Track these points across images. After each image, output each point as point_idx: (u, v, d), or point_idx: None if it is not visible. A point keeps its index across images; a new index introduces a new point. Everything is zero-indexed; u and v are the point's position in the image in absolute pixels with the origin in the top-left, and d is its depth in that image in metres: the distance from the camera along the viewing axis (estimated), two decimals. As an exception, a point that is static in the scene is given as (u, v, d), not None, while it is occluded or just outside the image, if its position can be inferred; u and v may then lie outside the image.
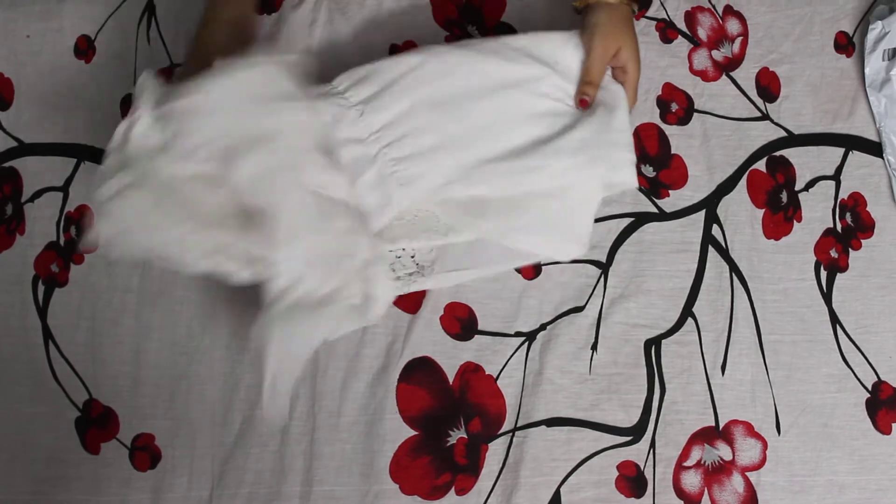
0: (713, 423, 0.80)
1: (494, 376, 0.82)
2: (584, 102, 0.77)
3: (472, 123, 0.76)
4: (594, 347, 0.82)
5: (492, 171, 0.75)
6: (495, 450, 0.80)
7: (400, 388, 0.81)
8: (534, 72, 0.77)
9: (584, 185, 0.76)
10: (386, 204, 0.75)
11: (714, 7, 0.92)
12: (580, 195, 0.76)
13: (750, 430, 0.80)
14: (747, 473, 0.79)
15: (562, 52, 0.78)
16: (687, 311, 0.83)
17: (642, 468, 0.80)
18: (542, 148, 0.75)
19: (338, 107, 0.75)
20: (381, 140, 0.75)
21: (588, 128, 0.75)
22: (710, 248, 0.86)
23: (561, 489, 0.79)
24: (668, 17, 0.92)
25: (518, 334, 0.83)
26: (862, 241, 0.88)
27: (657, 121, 0.89)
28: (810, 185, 0.89)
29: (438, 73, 0.76)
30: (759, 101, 0.91)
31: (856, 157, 0.90)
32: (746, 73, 0.92)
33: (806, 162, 0.90)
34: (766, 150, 0.90)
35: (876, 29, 0.90)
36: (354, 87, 0.76)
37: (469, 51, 0.77)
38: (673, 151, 0.88)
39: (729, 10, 0.92)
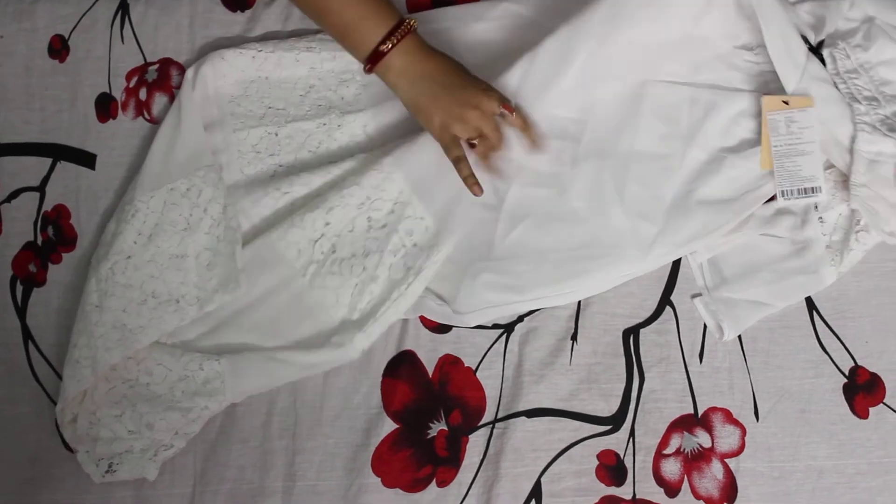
0: (692, 411, 0.81)
1: (473, 368, 0.82)
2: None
3: None
4: (574, 338, 0.83)
5: None
6: (476, 441, 0.81)
7: (384, 382, 0.82)
8: None
9: None
10: None
11: None
12: None
13: (728, 417, 0.80)
14: (726, 460, 0.79)
15: None
16: (665, 300, 0.83)
17: (622, 457, 0.80)
18: None
19: None
20: None
21: None
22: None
23: (542, 479, 0.79)
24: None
25: (496, 326, 0.83)
26: (839, 226, 0.88)
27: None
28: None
29: None
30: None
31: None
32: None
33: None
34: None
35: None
36: None
37: None
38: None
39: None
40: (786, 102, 0.80)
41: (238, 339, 0.81)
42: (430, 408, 0.81)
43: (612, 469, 0.80)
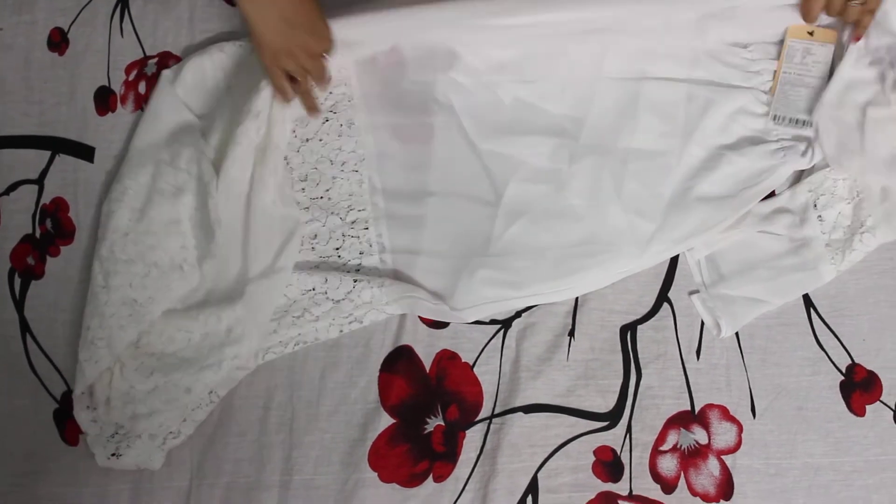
0: (689, 408, 0.81)
1: (471, 364, 0.82)
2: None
3: None
4: (571, 334, 0.83)
5: None
6: (472, 437, 0.81)
7: (381, 377, 0.82)
8: None
9: None
10: None
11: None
12: None
13: (725, 414, 0.80)
14: (723, 457, 0.79)
15: None
16: (662, 297, 0.83)
17: (619, 453, 0.80)
18: None
19: None
20: None
21: None
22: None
23: (538, 475, 0.79)
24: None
25: (493, 322, 0.83)
26: (837, 224, 0.88)
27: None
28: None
29: None
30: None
31: None
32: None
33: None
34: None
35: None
36: None
37: None
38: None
39: None
40: (810, 34, 0.81)
41: (241, 281, 0.81)
42: (428, 403, 0.81)
43: (609, 465, 0.80)
